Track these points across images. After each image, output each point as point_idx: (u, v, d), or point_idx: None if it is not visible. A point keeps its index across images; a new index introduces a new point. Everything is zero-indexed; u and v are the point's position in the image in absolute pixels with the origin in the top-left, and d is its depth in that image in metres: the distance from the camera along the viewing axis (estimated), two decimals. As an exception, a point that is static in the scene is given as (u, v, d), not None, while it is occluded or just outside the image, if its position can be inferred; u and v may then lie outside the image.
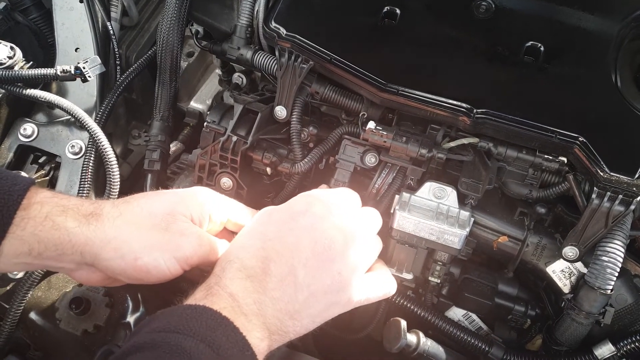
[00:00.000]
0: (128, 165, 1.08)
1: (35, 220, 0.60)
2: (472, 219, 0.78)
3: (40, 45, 1.06)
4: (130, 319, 0.83)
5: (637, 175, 0.71)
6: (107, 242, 0.62)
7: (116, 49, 1.00)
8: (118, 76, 1.00)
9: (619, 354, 0.77)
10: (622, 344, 0.77)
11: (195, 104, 1.10)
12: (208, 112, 0.93)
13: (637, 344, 0.76)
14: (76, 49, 0.97)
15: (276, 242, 0.63)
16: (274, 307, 0.58)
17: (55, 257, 0.61)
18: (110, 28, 0.99)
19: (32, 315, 0.84)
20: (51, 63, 0.99)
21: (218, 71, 1.06)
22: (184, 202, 0.68)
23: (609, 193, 0.72)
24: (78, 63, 0.87)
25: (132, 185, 1.03)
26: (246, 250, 0.63)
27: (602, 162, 0.72)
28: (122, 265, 0.62)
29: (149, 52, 0.99)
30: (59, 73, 0.87)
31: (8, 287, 0.88)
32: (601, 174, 0.72)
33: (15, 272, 0.87)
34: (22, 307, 0.83)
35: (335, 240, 0.64)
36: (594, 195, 0.73)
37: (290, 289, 0.60)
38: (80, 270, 0.65)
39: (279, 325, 0.58)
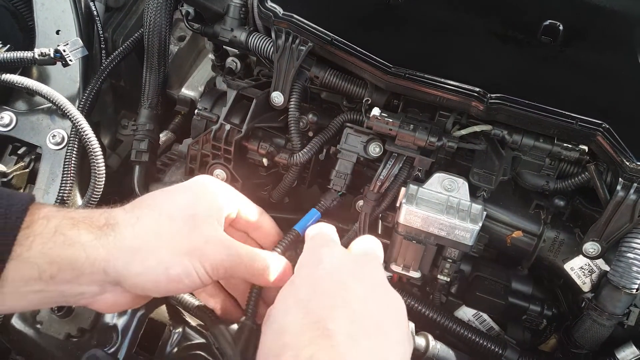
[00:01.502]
0: (117, 156, 1.03)
1: (43, 237, 0.51)
2: (485, 213, 0.74)
3: (20, 28, 1.00)
4: (118, 321, 0.78)
5: (666, 165, 0.66)
6: (132, 253, 0.54)
7: (101, 32, 0.94)
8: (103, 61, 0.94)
9: (643, 358, 0.72)
10: (646, 346, 0.72)
11: (187, 91, 1.04)
12: (200, 99, 0.88)
13: (662, 346, 0.71)
14: (57, 32, 0.91)
15: None
16: None
17: (73, 280, 0.53)
18: (94, 9, 0.93)
19: (12, 318, 0.79)
20: (32, 47, 0.93)
21: (211, 56, 1.00)
22: (200, 199, 0.61)
23: (635, 184, 0.67)
24: (58, 45, 0.81)
25: (121, 178, 0.98)
26: None
27: (628, 151, 0.67)
28: (154, 277, 0.55)
29: (136, 35, 0.93)
30: (37, 56, 0.81)
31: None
32: (627, 163, 0.67)
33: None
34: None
35: None
36: (619, 187, 0.68)
37: None
38: (105, 294, 0.56)
39: None
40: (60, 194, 0.83)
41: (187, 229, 0.57)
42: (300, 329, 0.49)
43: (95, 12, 0.93)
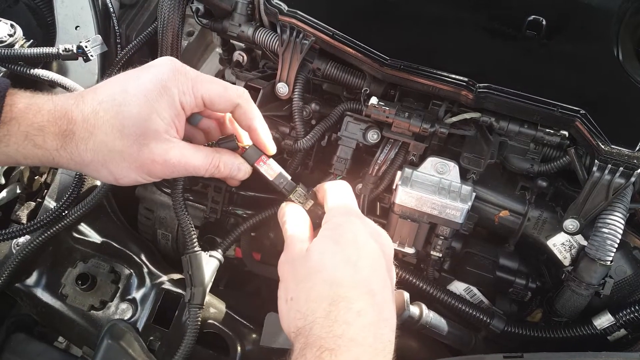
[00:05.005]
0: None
1: (17, 138, 0.62)
2: (474, 194, 0.79)
3: (38, 24, 1.05)
4: (136, 294, 0.85)
5: (637, 148, 0.72)
6: (86, 165, 0.65)
7: (116, 27, 1.00)
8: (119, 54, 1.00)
9: (617, 324, 0.78)
10: (621, 314, 0.78)
11: (196, 83, 1.10)
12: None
13: (635, 314, 0.77)
14: (76, 27, 0.96)
15: None
16: None
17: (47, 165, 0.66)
18: (110, 6, 0.98)
19: (39, 292, 0.85)
20: (50, 42, 0.99)
21: (218, 50, 1.05)
22: (152, 114, 0.65)
23: (609, 165, 0.72)
24: (80, 42, 0.87)
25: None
26: None
27: (603, 135, 0.72)
28: (107, 181, 0.69)
29: (149, 29, 0.98)
30: (61, 52, 0.86)
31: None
32: (602, 146, 0.72)
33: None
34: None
35: None
36: (594, 168, 0.73)
37: None
38: None
39: None
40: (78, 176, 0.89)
41: (137, 147, 0.65)
42: (352, 285, 0.59)
43: (111, 9, 0.98)
